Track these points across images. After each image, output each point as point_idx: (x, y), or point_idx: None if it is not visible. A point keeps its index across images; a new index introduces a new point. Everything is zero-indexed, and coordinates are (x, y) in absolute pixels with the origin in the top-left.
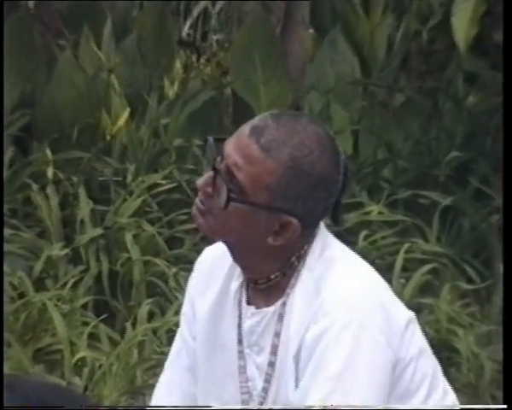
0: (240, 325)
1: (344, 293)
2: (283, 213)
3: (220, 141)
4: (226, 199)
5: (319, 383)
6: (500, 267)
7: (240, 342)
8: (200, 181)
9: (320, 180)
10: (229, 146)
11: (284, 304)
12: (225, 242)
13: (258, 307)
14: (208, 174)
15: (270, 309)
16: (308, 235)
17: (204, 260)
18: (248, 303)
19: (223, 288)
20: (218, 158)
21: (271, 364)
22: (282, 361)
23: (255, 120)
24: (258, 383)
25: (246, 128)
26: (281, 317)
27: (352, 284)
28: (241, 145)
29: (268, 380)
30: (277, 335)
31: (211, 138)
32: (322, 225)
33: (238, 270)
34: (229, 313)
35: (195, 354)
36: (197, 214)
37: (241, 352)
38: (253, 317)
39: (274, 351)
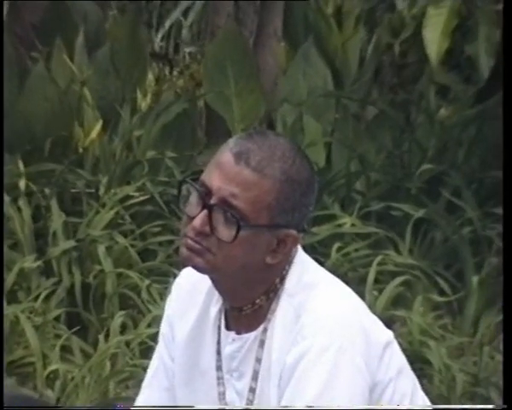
0: (219, 351)
1: (323, 317)
2: (282, 227)
3: (195, 180)
4: (236, 230)
5: (297, 405)
6: (473, 279)
7: (219, 368)
8: (196, 222)
9: (308, 185)
10: (215, 180)
11: (265, 330)
12: (219, 276)
13: (238, 333)
14: (202, 214)
15: (252, 335)
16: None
17: (183, 281)
18: (228, 328)
19: (202, 312)
20: (205, 196)
21: (252, 390)
22: (263, 387)
23: (232, 148)
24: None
25: (226, 156)
26: (262, 342)
27: (332, 309)
28: (232, 174)
29: (249, 405)
30: (259, 360)
31: (188, 180)
32: (299, 247)
33: (217, 295)
34: (209, 339)
35: (174, 375)
36: (191, 255)
37: (220, 378)
38: (234, 343)
39: (255, 377)
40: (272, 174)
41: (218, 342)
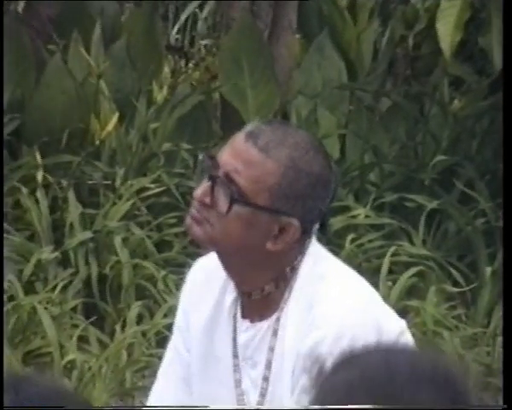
0: (235, 339)
1: (336, 307)
2: (284, 214)
3: (211, 156)
4: (229, 203)
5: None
6: (486, 270)
7: (235, 355)
8: (197, 192)
9: (318, 180)
10: (225, 155)
11: (278, 319)
12: (220, 252)
13: (252, 322)
14: (205, 184)
15: (265, 324)
16: (303, 241)
17: (197, 272)
18: (243, 317)
19: (217, 301)
20: (213, 169)
21: (266, 378)
22: (277, 376)
23: (247, 128)
24: (253, 397)
25: (240, 135)
26: (275, 332)
27: (345, 299)
28: (239, 151)
29: (263, 394)
30: (272, 349)
31: (204, 154)
32: (313, 238)
33: (232, 283)
34: (224, 327)
35: (189, 365)
36: (193, 224)
37: (236, 365)
38: (248, 331)
39: (268, 366)
40: (278, 157)
41: (234, 330)
